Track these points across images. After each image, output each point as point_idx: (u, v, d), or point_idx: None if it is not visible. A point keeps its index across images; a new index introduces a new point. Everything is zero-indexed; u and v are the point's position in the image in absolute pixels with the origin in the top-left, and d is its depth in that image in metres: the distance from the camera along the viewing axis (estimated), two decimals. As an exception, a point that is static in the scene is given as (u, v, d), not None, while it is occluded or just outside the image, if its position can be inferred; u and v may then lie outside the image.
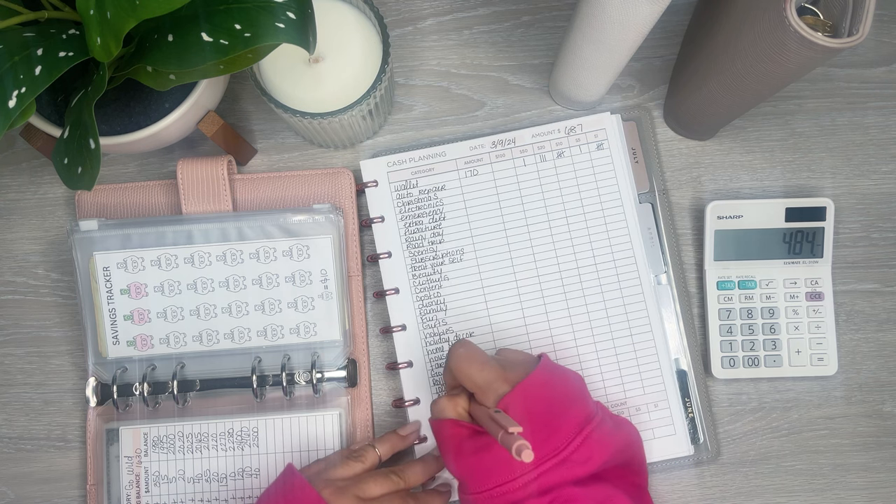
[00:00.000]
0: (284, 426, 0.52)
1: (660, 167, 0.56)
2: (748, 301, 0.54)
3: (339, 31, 0.48)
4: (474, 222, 0.54)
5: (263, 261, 0.52)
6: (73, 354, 0.55)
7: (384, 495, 0.46)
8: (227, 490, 0.51)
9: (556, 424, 0.42)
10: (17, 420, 0.55)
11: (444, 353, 0.53)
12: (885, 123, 0.57)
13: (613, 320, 0.53)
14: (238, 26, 0.37)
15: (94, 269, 0.52)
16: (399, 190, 0.54)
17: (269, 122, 0.57)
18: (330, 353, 0.52)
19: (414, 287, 0.53)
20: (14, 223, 0.56)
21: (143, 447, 0.52)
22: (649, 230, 0.54)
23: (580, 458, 0.42)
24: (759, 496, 0.54)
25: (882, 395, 0.55)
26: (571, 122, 0.55)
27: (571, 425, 0.42)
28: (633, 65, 0.57)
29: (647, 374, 0.53)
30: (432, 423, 0.46)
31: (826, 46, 0.38)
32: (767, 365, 0.53)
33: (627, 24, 0.43)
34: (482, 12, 0.58)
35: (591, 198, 0.54)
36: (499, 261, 0.53)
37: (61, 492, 0.54)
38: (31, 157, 0.57)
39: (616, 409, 0.52)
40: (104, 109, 0.47)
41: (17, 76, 0.37)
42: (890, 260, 0.56)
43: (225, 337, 0.52)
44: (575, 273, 0.53)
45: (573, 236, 0.54)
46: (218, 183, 0.52)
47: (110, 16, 0.37)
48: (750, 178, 0.56)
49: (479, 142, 0.54)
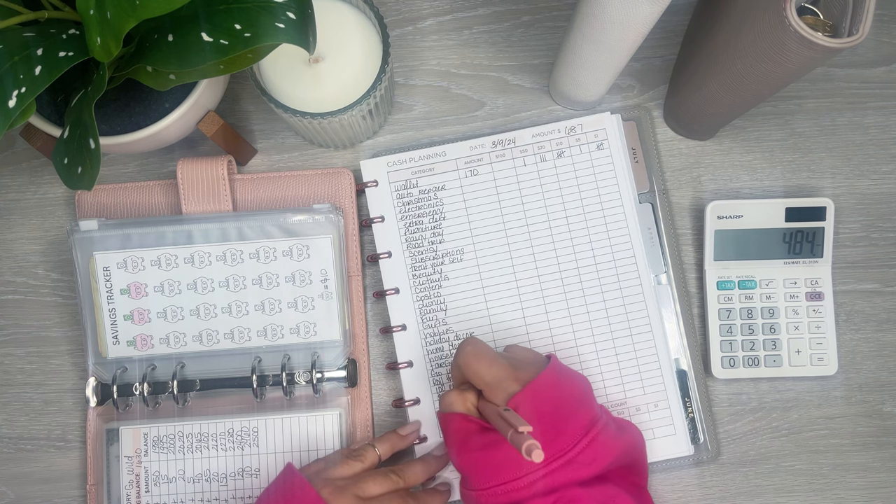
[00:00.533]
0: (284, 426, 0.52)
1: (660, 167, 0.56)
2: (748, 301, 0.54)
3: (339, 31, 0.48)
4: (474, 222, 0.54)
5: (263, 261, 0.52)
6: (73, 354, 0.55)
7: (383, 494, 0.46)
8: (227, 490, 0.51)
9: (564, 425, 0.42)
10: (17, 420, 0.55)
11: (444, 353, 0.53)
12: (885, 123, 0.57)
13: (613, 320, 0.53)
14: (238, 26, 0.37)
15: (94, 268, 0.52)
16: (399, 190, 0.54)
17: (269, 122, 0.57)
18: (330, 353, 0.52)
19: (414, 287, 0.53)
20: (14, 223, 0.56)
21: (143, 447, 0.52)
22: (649, 230, 0.54)
23: (586, 459, 0.42)
24: (759, 496, 0.54)
25: (882, 395, 0.55)
26: (571, 122, 0.55)
27: (578, 427, 0.43)
28: (633, 65, 0.57)
29: (647, 373, 0.53)
30: (440, 416, 0.46)
31: (826, 46, 0.38)
32: (767, 365, 0.53)
33: (627, 24, 0.43)
34: (482, 12, 0.58)
35: (591, 198, 0.54)
36: (499, 261, 0.53)
37: (61, 492, 0.54)
38: (31, 157, 0.57)
39: (616, 408, 0.52)
40: (104, 109, 0.47)
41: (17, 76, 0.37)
42: (890, 260, 0.56)
43: (225, 337, 0.52)
44: (575, 273, 0.53)
45: (573, 236, 0.54)
46: (218, 183, 0.52)
47: (110, 16, 0.37)
48: (750, 178, 0.56)
49: (479, 142, 0.54)
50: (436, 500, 0.49)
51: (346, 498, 0.45)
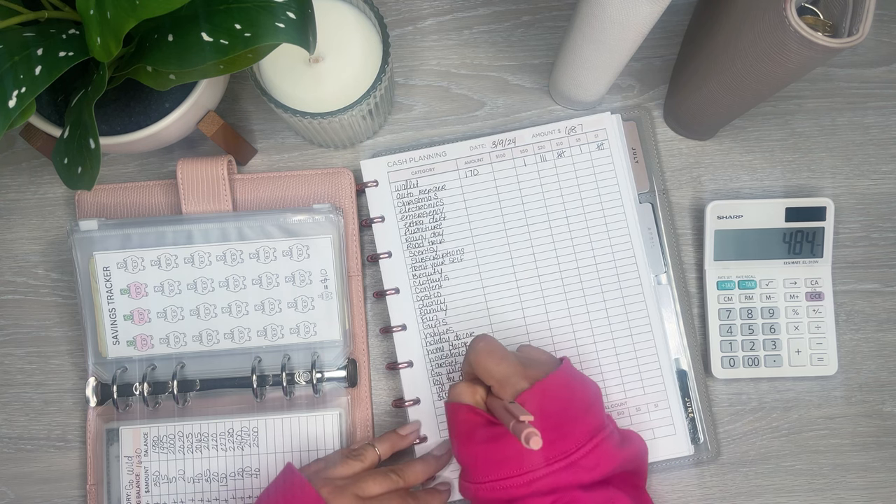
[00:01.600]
0: (284, 426, 0.52)
1: (660, 167, 0.56)
2: (748, 301, 0.54)
3: (339, 31, 0.48)
4: (474, 222, 0.54)
5: (263, 261, 0.52)
6: (73, 354, 0.55)
7: (383, 494, 0.46)
8: (227, 490, 0.51)
9: (569, 428, 0.42)
10: (17, 420, 0.55)
11: (444, 353, 0.53)
12: (885, 123, 0.57)
13: (614, 320, 0.53)
14: (238, 26, 0.37)
15: (94, 268, 0.52)
16: (399, 190, 0.54)
17: (269, 122, 0.57)
18: (330, 353, 0.52)
19: (414, 287, 0.53)
20: (14, 223, 0.56)
21: (143, 447, 0.52)
22: (649, 230, 0.54)
23: (588, 464, 0.42)
24: (759, 496, 0.54)
25: (882, 395, 0.55)
26: (572, 121, 0.55)
27: (583, 431, 0.43)
28: (633, 65, 0.57)
29: (648, 374, 0.53)
30: (447, 406, 0.46)
31: (826, 46, 0.38)
32: (767, 365, 0.53)
33: (627, 24, 0.43)
34: (482, 12, 0.58)
35: (591, 198, 0.54)
36: (499, 261, 0.53)
37: (61, 492, 0.54)
38: (31, 157, 0.57)
39: (616, 408, 0.52)
40: (104, 109, 0.47)
41: (17, 76, 0.37)
42: (890, 260, 0.56)
43: (225, 337, 0.52)
44: (575, 273, 0.53)
45: (573, 236, 0.54)
46: (218, 183, 0.52)
47: (110, 16, 0.37)
48: (750, 178, 0.56)
49: (479, 142, 0.54)
50: (435, 500, 0.49)
51: (345, 497, 0.45)
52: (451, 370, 0.53)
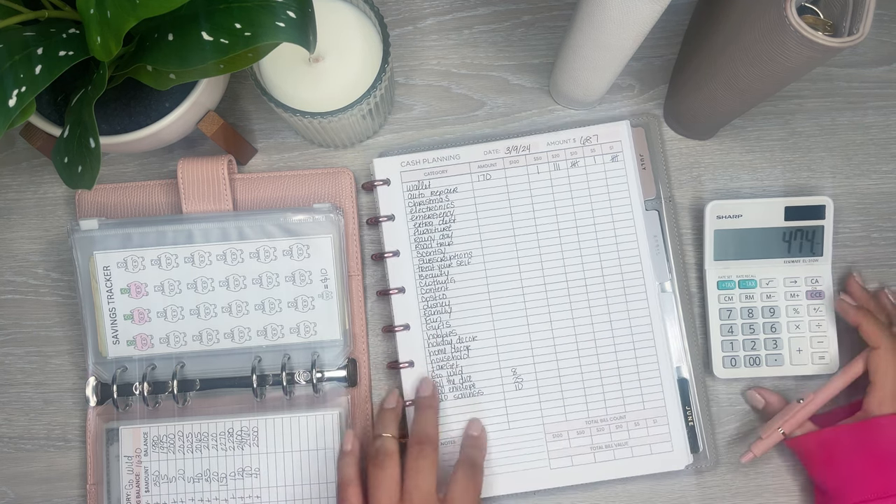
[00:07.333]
0: (284, 426, 0.52)
1: (667, 174, 0.56)
2: (749, 300, 0.54)
3: (340, 30, 0.48)
4: (484, 226, 0.54)
5: (263, 260, 0.52)
6: (73, 354, 0.55)
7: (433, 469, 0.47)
8: (227, 490, 0.51)
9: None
10: (17, 420, 0.55)
11: (445, 356, 0.53)
12: (885, 123, 0.57)
13: (617, 332, 0.53)
14: (238, 25, 0.37)
15: (94, 268, 0.52)
16: (411, 190, 0.54)
17: (269, 122, 0.57)
18: (330, 352, 0.52)
19: (420, 287, 0.53)
20: (14, 223, 0.56)
21: (143, 447, 0.52)
22: (655, 238, 0.54)
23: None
24: (759, 496, 0.54)
25: (882, 394, 0.55)
26: (587, 130, 0.54)
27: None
28: (633, 65, 0.57)
29: (648, 389, 0.52)
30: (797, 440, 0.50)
31: (826, 46, 0.38)
32: (769, 364, 0.53)
33: (627, 24, 0.43)
34: (482, 12, 0.58)
35: (602, 209, 0.54)
36: (506, 267, 0.53)
37: (61, 492, 0.54)
38: (31, 156, 0.57)
39: (615, 423, 0.52)
40: (104, 109, 0.47)
41: (17, 75, 0.37)
42: (890, 260, 0.56)
43: (225, 336, 0.52)
44: (582, 284, 0.53)
45: (582, 246, 0.53)
46: (218, 182, 0.52)
47: (110, 15, 0.37)
48: (750, 177, 0.56)
49: (493, 146, 0.54)
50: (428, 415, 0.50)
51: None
52: (452, 373, 0.53)
